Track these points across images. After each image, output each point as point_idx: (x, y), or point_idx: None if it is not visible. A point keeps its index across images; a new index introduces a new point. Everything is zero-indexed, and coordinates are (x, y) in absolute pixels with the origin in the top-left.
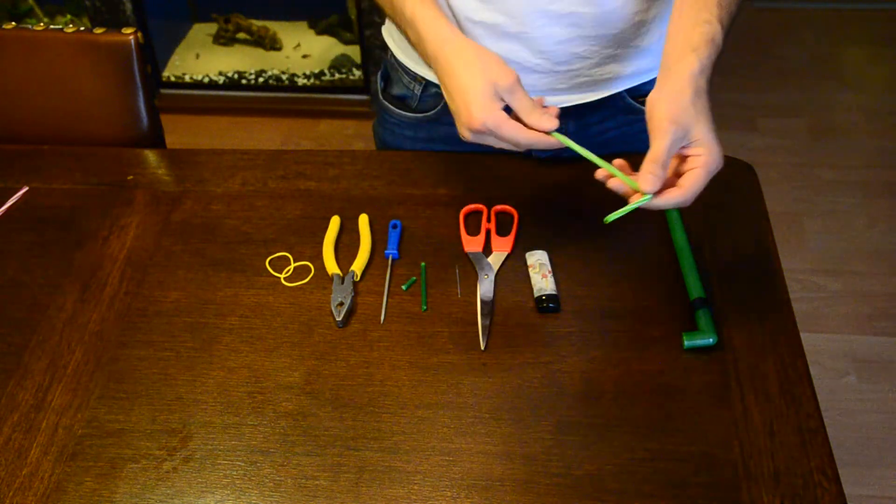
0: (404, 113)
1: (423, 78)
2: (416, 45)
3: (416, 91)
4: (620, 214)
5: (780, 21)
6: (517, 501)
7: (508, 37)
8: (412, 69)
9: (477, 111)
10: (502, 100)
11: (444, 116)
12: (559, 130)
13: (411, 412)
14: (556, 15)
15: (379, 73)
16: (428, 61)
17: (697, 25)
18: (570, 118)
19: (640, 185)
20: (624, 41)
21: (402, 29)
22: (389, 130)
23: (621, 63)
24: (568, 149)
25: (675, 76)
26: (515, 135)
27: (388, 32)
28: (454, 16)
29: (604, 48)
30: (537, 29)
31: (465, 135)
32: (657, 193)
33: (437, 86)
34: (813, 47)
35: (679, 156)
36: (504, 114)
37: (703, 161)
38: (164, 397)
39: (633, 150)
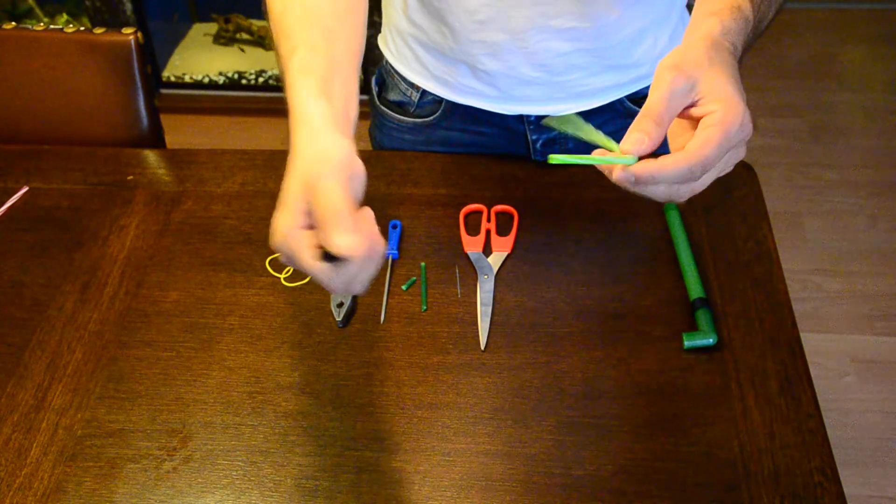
0: (403, 118)
1: (420, 86)
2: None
3: (413, 98)
4: (563, 161)
5: (780, 21)
6: (517, 501)
7: (508, 53)
8: (409, 78)
9: (278, 230)
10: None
11: (443, 121)
12: (561, 138)
13: (411, 412)
14: (557, 30)
15: (374, 79)
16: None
17: (719, 1)
18: None
19: (621, 144)
20: (623, 51)
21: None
22: (387, 135)
23: (620, 72)
24: (567, 148)
25: (689, 37)
26: (312, 270)
27: (384, 40)
28: (452, 36)
29: (603, 59)
30: (537, 44)
31: (273, 248)
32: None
33: (433, 94)
34: (813, 47)
35: (688, 118)
36: (305, 239)
37: (718, 118)
38: (164, 397)
39: None
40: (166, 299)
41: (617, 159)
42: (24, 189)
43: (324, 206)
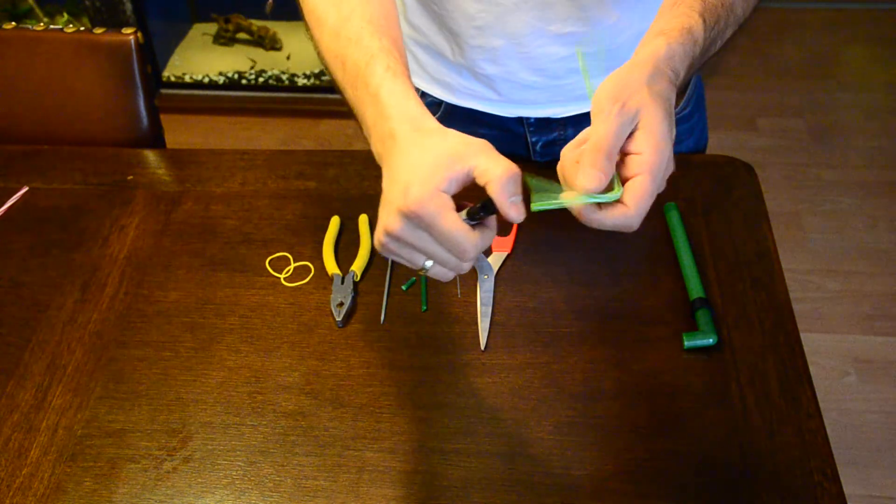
0: None
1: (419, 89)
2: (370, 124)
3: None
4: (546, 207)
5: (780, 21)
6: (517, 501)
7: (507, 57)
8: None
9: (416, 190)
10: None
11: (443, 123)
12: (561, 139)
13: (411, 412)
14: (555, 35)
15: None
16: (378, 141)
17: (672, 19)
18: (570, 126)
19: (578, 180)
20: (622, 55)
21: (351, 102)
22: None
23: None
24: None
25: (635, 57)
26: (457, 232)
27: None
28: (451, 41)
29: (601, 61)
30: (536, 48)
31: (390, 227)
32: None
33: (432, 96)
34: (813, 47)
35: (620, 154)
36: (450, 201)
37: (648, 165)
38: (164, 397)
39: None
40: (166, 299)
41: (599, 198)
42: (24, 189)
43: (503, 164)
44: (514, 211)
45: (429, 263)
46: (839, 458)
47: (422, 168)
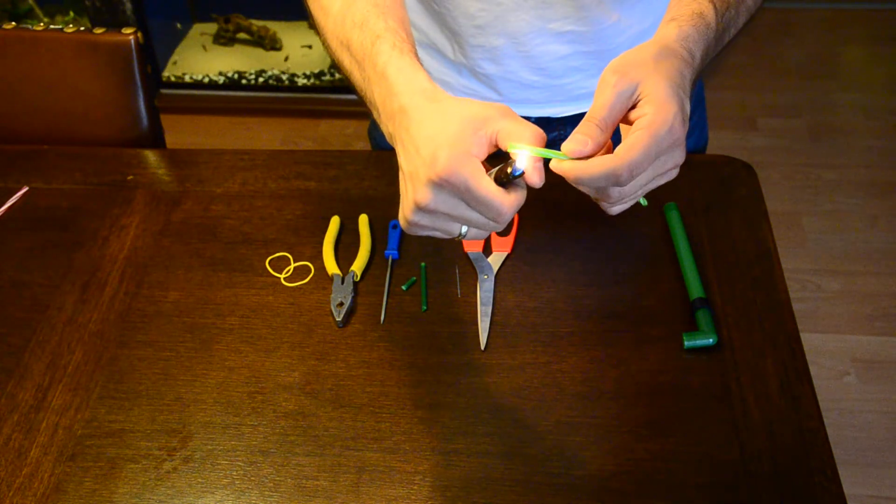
0: None
1: None
2: (379, 103)
3: None
4: (526, 149)
5: (780, 21)
6: (517, 501)
7: (508, 57)
8: None
9: (445, 156)
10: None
11: None
12: (561, 139)
13: (411, 412)
14: (555, 33)
15: None
16: (388, 119)
17: (683, 7)
18: (569, 125)
19: (564, 145)
20: (620, 53)
21: (360, 86)
22: None
23: None
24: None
25: (646, 42)
26: (493, 195)
27: None
28: (452, 40)
29: (602, 62)
30: (536, 47)
31: (421, 199)
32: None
33: None
34: (813, 47)
35: (626, 121)
36: (481, 165)
37: (647, 122)
38: (164, 397)
39: None
40: (166, 299)
41: (557, 154)
42: (24, 189)
43: (531, 128)
44: (537, 176)
45: (465, 229)
46: (839, 458)
47: (446, 134)
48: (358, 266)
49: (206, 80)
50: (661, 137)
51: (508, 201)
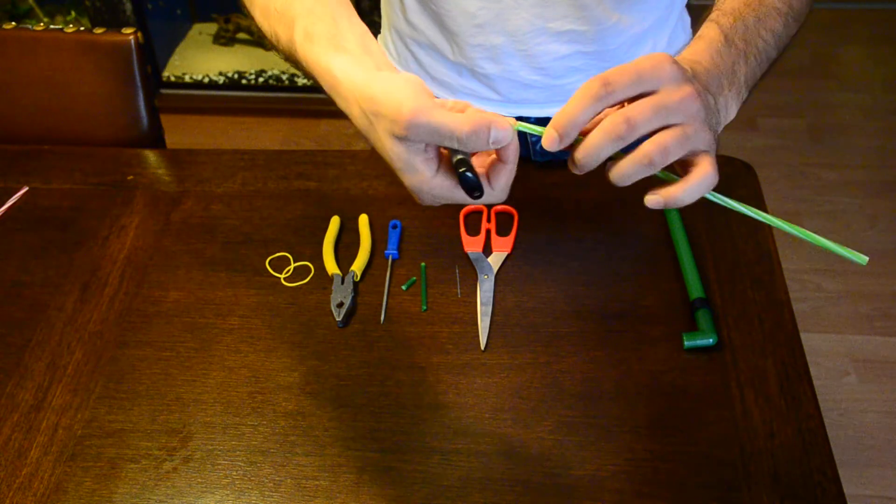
0: None
1: None
2: (330, 91)
3: None
4: (525, 128)
5: None
6: (517, 501)
7: (508, 56)
8: None
9: (408, 102)
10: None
11: None
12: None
13: (411, 412)
14: (556, 33)
15: None
16: (345, 104)
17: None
18: None
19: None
20: (622, 55)
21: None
22: None
23: None
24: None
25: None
26: (451, 120)
27: (384, 41)
28: (451, 39)
29: (602, 62)
30: (537, 46)
31: (393, 161)
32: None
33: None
34: (813, 47)
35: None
36: (439, 103)
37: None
38: (164, 397)
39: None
40: (166, 299)
41: (533, 129)
42: (24, 189)
43: (446, 122)
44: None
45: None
46: (839, 458)
47: (406, 85)
48: (358, 266)
49: (206, 80)
50: (665, 76)
51: (470, 122)
